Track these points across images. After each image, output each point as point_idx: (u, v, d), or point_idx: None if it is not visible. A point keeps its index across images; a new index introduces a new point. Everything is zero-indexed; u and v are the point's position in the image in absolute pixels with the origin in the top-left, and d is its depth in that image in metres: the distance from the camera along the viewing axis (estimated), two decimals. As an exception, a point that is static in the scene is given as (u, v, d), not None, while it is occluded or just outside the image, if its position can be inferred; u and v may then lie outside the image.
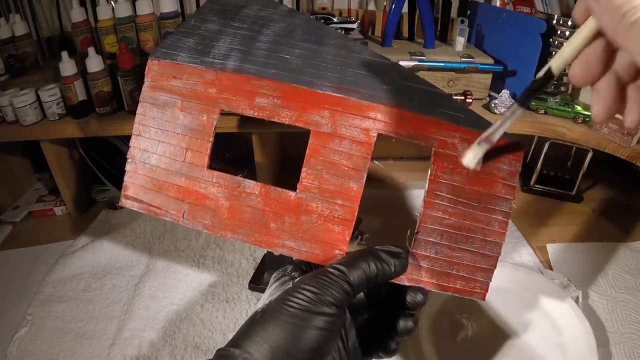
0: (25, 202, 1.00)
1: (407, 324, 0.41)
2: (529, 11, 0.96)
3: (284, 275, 0.42)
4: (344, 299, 0.35)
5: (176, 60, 0.42)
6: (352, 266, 0.36)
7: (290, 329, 0.33)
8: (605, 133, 0.80)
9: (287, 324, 0.33)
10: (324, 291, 0.34)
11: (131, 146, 0.42)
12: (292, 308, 0.33)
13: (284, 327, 0.33)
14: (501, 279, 0.75)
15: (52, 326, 0.71)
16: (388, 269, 0.37)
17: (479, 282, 0.39)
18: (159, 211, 0.41)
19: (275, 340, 0.32)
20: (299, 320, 0.33)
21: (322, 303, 0.34)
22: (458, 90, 0.90)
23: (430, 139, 0.39)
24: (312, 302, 0.34)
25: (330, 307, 0.34)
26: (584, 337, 0.65)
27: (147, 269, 0.82)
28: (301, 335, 0.33)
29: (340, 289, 0.35)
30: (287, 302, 0.34)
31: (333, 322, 0.34)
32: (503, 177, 0.39)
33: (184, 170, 0.41)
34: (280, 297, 0.35)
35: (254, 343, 0.33)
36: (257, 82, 0.41)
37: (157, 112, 0.41)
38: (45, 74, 0.91)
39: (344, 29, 0.92)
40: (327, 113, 0.39)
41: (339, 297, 0.34)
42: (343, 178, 0.39)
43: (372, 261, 0.37)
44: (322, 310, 0.34)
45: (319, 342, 0.33)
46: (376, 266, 0.37)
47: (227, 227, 0.40)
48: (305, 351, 0.33)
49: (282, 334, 0.33)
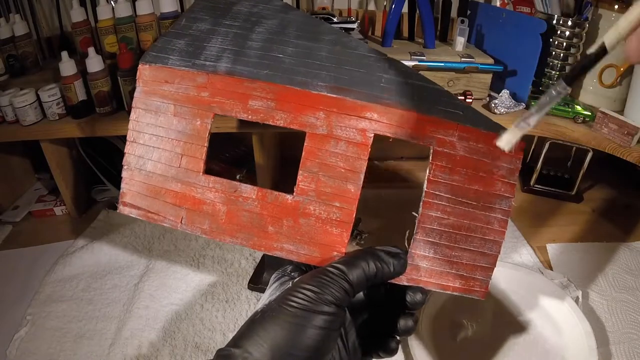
0: (25, 202, 1.00)
1: (408, 323, 0.41)
2: (529, 11, 0.96)
3: (284, 275, 0.42)
4: (343, 298, 0.35)
5: (167, 64, 0.41)
6: (351, 265, 0.36)
7: (290, 328, 0.33)
8: (605, 133, 0.80)
9: (287, 323, 0.33)
10: (323, 290, 0.34)
11: (126, 153, 0.42)
12: (292, 307, 0.33)
13: (284, 327, 0.33)
14: (501, 279, 0.76)
15: (52, 326, 0.71)
16: (387, 268, 0.37)
17: (479, 281, 0.39)
18: (157, 217, 0.41)
19: (275, 339, 0.32)
20: (299, 319, 0.33)
21: (322, 302, 0.34)
22: (458, 90, 0.89)
23: (429, 138, 0.39)
24: (312, 301, 0.34)
25: (330, 306, 0.34)
26: (584, 337, 0.65)
27: (147, 269, 0.82)
28: (301, 334, 0.33)
29: (340, 287, 0.35)
30: (287, 302, 0.34)
31: (333, 321, 0.34)
32: (502, 175, 0.39)
33: (180, 176, 0.40)
34: (280, 296, 0.35)
35: (254, 343, 0.33)
36: (250, 84, 0.40)
37: (150, 117, 0.41)
38: (45, 74, 0.91)
39: (344, 29, 0.92)
40: (322, 114, 0.39)
41: (338, 296, 0.34)
42: (340, 180, 0.39)
43: (371, 261, 0.37)
44: (322, 309, 0.34)
45: (319, 341, 0.33)
46: (375, 266, 0.37)
47: (226, 231, 0.40)
48: (305, 350, 0.33)
49: (282, 333, 0.33)
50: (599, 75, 0.89)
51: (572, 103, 0.87)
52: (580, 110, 0.85)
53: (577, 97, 0.94)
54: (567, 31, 0.85)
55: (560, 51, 0.87)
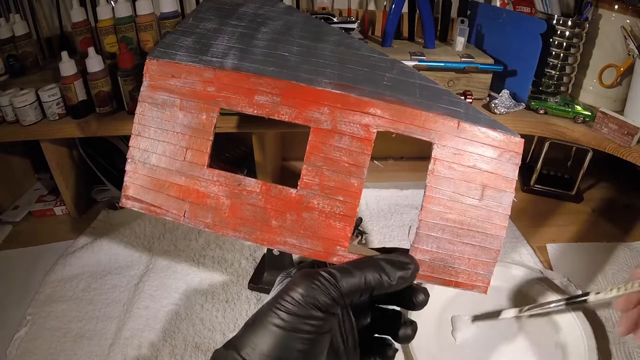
0: (25, 202, 1.00)
1: (407, 332, 0.42)
2: (529, 11, 0.97)
3: (288, 277, 0.42)
4: (332, 305, 0.34)
5: (174, 59, 0.42)
6: (346, 273, 0.35)
7: (279, 332, 0.33)
8: (605, 133, 0.80)
9: (275, 328, 0.33)
10: (311, 294, 0.33)
11: (131, 146, 0.42)
12: (279, 311, 0.33)
13: (272, 331, 0.33)
14: (501, 279, 0.76)
15: (52, 326, 0.71)
16: (387, 282, 0.36)
17: (481, 276, 0.39)
18: (160, 211, 0.41)
19: (266, 343, 0.33)
20: (286, 324, 0.33)
21: (308, 307, 0.33)
22: (458, 90, 0.90)
23: (431, 134, 0.39)
24: (298, 306, 0.33)
25: (317, 311, 0.33)
26: (584, 337, 0.65)
27: (147, 268, 0.81)
28: (289, 339, 0.33)
29: (329, 295, 0.34)
30: (276, 305, 0.34)
31: (321, 325, 0.34)
32: (503, 171, 0.39)
33: (185, 170, 0.41)
34: (272, 300, 0.35)
35: (246, 346, 0.33)
36: (256, 80, 0.41)
37: (156, 111, 0.41)
38: (45, 74, 0.91)
39: (344, 29, 0.92)
40: (326, 110, 0.39)
41: (326, 303, 0.34)
42: (344, 174, 0.39)
43: (371, 272, 0.36)
44: (309, 313, 0.33)
45: (308, 346, 0.33)
46: (374, 278, 0.35)
47: (229, 225, 0.40)
48: (295, 354, 0.33)
49: (271, 337, 0.33)
50: (599, 75, 0.89)
51: (572, 103, 0.87)
52: (580, 110, 0.85)
53: (577, 97, 0.94)
54: (567, 31, 0.85)
55: (560, 51, 0.87)
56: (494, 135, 0.39)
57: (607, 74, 0.88)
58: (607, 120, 0.79)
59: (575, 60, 0.89)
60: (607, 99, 0.90)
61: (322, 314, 0.34)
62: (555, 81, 0.90)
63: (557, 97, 0.90)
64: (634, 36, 0.81)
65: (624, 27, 0.82)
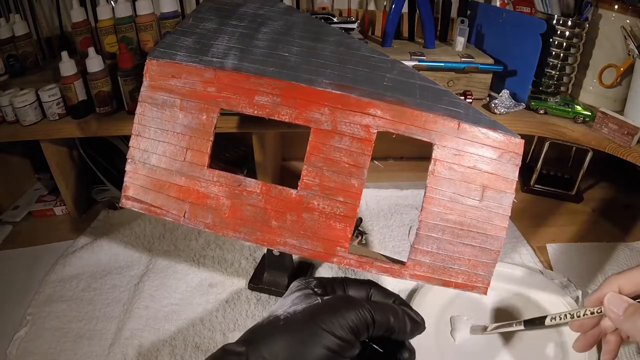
0: (25, 202, 1.00)
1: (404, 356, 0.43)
2: (529, 11, 0.97)
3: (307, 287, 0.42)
4: (363, 330, 0.36)
5: (175, 59, 0.42)
6: (380, 309, 0.38)
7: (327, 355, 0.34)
8: (605, 133, 0.80)
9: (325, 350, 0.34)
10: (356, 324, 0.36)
11: (131, 146, 0.42)
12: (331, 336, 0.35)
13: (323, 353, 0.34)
14: (501, 278, 0.76)
15: (52, 326, 0.71)
16: (402, 330, 0.39)
17: (480, 276, 0.39)
18: (160, 211, 0.41)
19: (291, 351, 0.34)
20: (338, 347, 0.34)
21: (353, 335, 0.35)
22: (458, 90, 0.90)
23: (431, 135, 0.39)
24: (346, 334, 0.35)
25: (356, 340, 0.36)
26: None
27: (147, 269, 0.81)
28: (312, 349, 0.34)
29: (364, 320, 0.36)
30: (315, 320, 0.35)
31: (345, 347, 0.35)
32: (503, 172, 0.39)
33: (185, 170, 0.41)
34: (307, 312, 0.36)
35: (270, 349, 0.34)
36: (257, 80, 0.41)
37: (156, 111, 0.41)
38: (45, 74, 0.91)
39: (344, 29, 0.92)
40: (327, 110, 0.39)
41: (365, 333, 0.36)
42: (344, 175, 0.39)
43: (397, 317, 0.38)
44: (353, 341, 0.35)
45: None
46: (395, 322, 0.38)
47: (229, 225, 0.40)
48: None
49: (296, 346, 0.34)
50: (599, 75, 0.89)
51: (572, 103, 0.87)
52: (580, 110, 0.85)
53: (577, 97, 0.94)
54: (567, 31, 0.85)
55: (560, 51, 0.87)
56: (494, 136, 0.39)
57: (607, 74, 0.88)
58: (607, 120, 0.79)
59: (575, 60, 0.88)
60: (607, 99, 0.90)
61: (351, 337, 0.35)
62: (555, 81, 0.90)
63: (557, 97, 0.90)
64: (634, 36, 0.81)
65: (624, 27, 0.82)
